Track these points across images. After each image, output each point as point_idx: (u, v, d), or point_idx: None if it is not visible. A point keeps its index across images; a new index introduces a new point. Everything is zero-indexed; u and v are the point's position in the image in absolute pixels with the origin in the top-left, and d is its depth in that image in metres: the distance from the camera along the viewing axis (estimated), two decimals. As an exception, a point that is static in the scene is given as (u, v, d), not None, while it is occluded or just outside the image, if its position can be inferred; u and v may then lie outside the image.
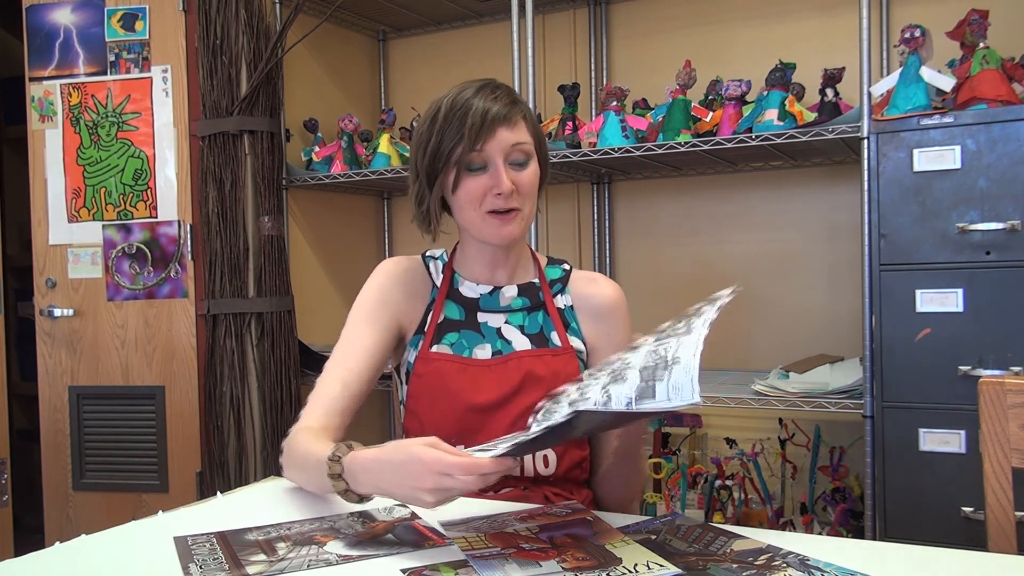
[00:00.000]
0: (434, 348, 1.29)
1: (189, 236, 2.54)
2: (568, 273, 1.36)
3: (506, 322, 1.31)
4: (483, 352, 1.28)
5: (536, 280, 1.34)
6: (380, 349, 1.30)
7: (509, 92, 1.24)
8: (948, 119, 1.87)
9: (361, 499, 1.04)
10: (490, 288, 1.31)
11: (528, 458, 1.25)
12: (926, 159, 1.89)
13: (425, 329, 1.31)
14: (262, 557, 0.92)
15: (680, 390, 0.82)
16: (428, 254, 1.37)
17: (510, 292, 1.31)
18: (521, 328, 1.30)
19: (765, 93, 2.22)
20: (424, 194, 1.25)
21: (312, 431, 1.18)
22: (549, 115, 2.77)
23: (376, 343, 1.29)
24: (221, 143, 2.53)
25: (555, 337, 1.30)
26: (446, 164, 1.21)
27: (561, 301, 1.34)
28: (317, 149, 2.83)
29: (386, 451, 0.98)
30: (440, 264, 1.35)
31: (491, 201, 1.21)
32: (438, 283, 1.33)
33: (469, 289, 1.32)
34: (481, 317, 1.31)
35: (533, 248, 1.46)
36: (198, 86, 2.55)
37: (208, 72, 2.54)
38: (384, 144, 2.76)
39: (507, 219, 1.22)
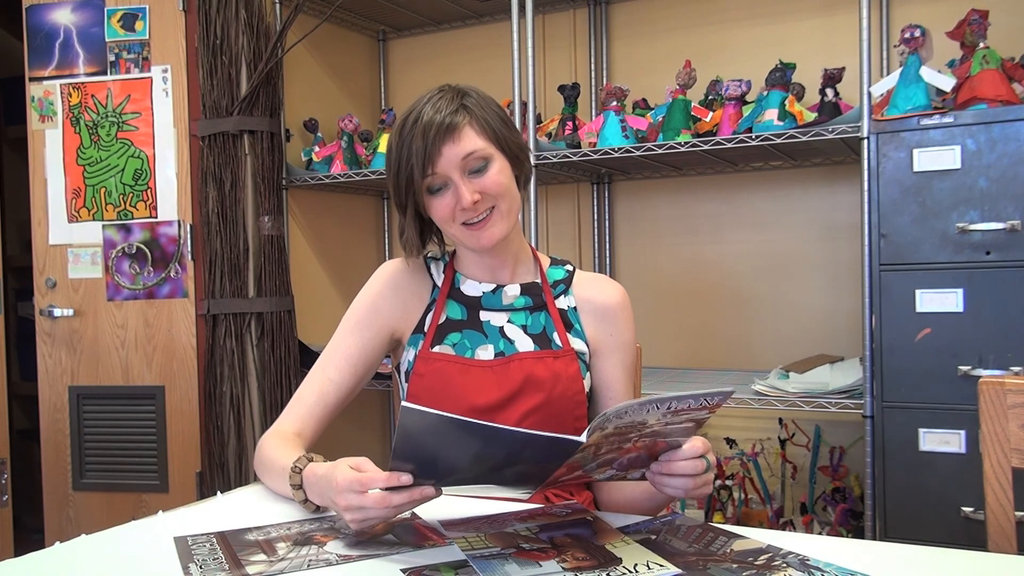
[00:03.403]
0: (436, 348, 1.29)
1: (189, 236, 2.54)
2: (571, 274, 1.36)
3: (509, 321, 1.30)
4: (485, 353, 1.28)
5: (538, 280, 1.34)
6: (365, 357, 1.31)
7: (452, 99, 1.21)
8: (948, 119, 1.87)
9: (318, 508, 1.09)
10: (493, 286, 1.31)
11: None
12: (926, 159, 1.89)
13: (425, 329, 1.31)
14: (262, 557, 0.92)
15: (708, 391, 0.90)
16: (430, 255, 1.38)
17: (513, 291, 1.31)
18: (524, 328, 1.30)
19: (765, 93, 2.22)
20: (403, 223, 1.28)
21: (283, 436, 1.23)
22: (549, 115, 2.78)
23: (361, 351, 1.31)
24: (221, 143, 2.53)
25: (557, 338, 1.30)
26: (409, 191, 1.23)
27: (564, 302, 1.34)
28: (317, 149, 2.83)
29: (329, 466, 1.02)
30: (442, 264, 1.35)
31: (461, 215, 1.22)
32: (439, 283, 1.34)
33: (471, 287, 1.32)
34: (483, 316, 1.31)
35: (534, 248, 1.45)
36: (198, 86, 2.55)
37: (208, 72, 2.54)
38: (384, 144, 2.76)
39: (483, 225, 1.22)
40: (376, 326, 1.32)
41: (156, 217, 2.55)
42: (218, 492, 1.22)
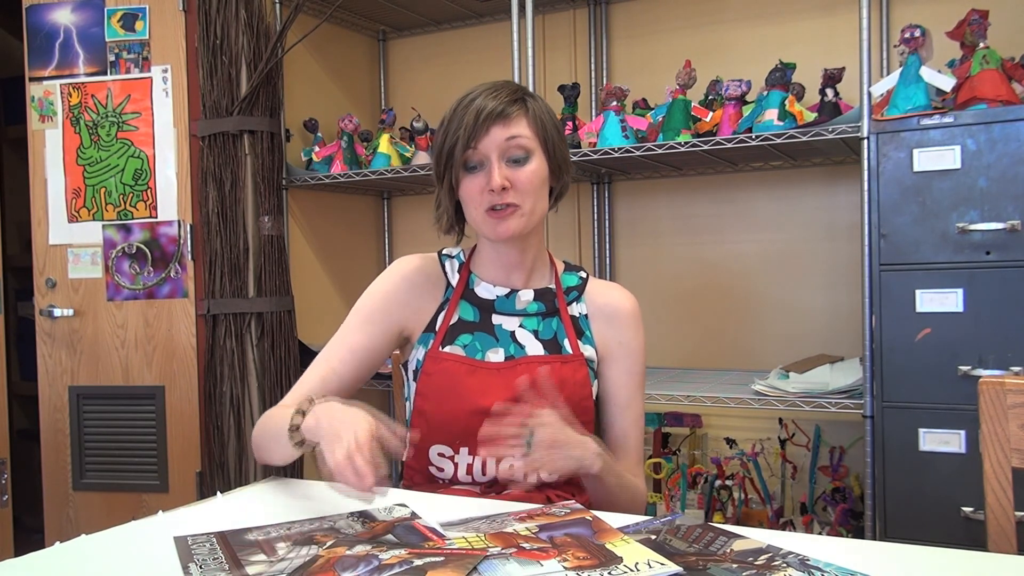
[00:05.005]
0: (446, 348, 1.29)
1: (189, 236, 2.54)
2: (584, 281, 1.37)
3: (520, 326, 1.31)
4: (496, 356, 1.29)
5: (552, 286, 1.34)
6: (372, 351, 1.31)
7: (514, 91, 1.25)
8: (948, 119, 1.87)
9: (303, 444, 1.12)
10: (507, 291, 1.32)
11: None
12: (926, 159, 1.89)
13: (436, 328, 1.31)
14: (262, 557, 0.92)
15: None
16: (444, 252, 1.38)
17: (526, 296, 1.31)
18: (535, 333, 1.31)
19: (765, 93, 2.22)
20: (439, 195, 1.29)
21: (282, 407, 1.26)
22: (549, 115, 2.77)
23: (368, 345, 1.31)
24: (221, 143, 2.53)
25: (567, 344, 1.30)
26: (449, 164, 1.24)
27: (576, 309, 1.34)
28: (317, 149, 2.83)
29: (360, 408, 1.07)
30: (457, 263, 1.35)
31: (487, 198, 1.22)
32: (454, 282, 1.34)
33: (485, 290, 1.32)
34: (496, 319, 1.31)
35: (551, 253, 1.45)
36: (198, 86, 2.55)
37: (208, 72, 2.54)
38: (384, 144, 2.76)
39: (503, 215, 1.23)
40: (386, 322, 1.32)
41: (156, 217, 2.55)
42: (218, 492, 1.22)
